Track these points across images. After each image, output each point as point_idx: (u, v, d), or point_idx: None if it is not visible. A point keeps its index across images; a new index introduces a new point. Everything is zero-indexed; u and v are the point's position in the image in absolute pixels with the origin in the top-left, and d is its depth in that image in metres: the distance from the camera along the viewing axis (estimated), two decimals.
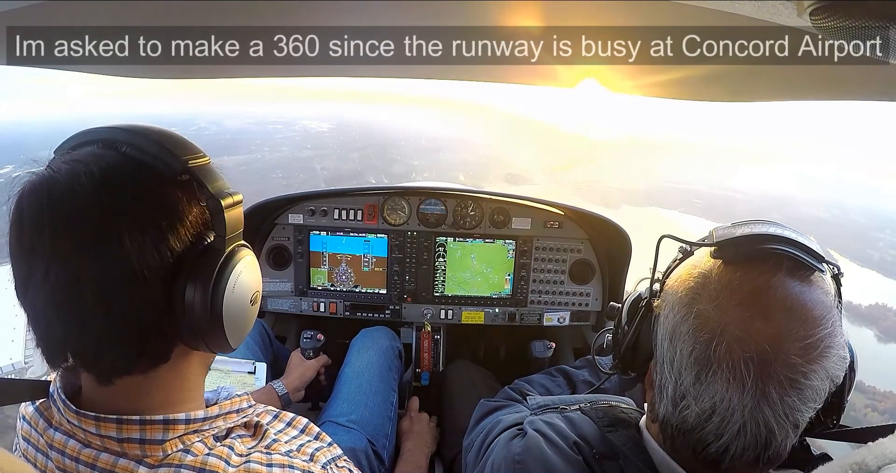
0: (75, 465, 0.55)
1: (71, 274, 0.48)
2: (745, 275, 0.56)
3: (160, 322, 0.52)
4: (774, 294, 0.55)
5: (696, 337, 0.56)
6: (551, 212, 1.81)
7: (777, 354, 0.53)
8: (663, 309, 0.63)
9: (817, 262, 0.57)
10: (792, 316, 0.54)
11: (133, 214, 0.50)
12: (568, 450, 0.71)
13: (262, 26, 0.80)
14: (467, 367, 1.72)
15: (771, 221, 0.61)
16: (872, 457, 0.46)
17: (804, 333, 0.53)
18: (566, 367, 1.21)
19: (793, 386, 0.53)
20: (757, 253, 0.57)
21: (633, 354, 0.70)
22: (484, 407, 1.07)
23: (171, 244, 0.51)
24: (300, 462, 0.61)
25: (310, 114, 38.21)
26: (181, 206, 0.53)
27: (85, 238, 0.48)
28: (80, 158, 0.52)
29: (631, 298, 0.74)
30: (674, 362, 0.58)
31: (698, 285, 0.59)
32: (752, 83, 0.92)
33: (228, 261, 0.55)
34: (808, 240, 0.58)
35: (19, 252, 0.50)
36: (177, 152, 0.53)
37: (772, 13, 0.65)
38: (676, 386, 0.58)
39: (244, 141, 31.29)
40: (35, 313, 0.51)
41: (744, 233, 0.59)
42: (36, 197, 0.50)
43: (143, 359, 0.54)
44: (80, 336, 0.51)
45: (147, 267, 0.50)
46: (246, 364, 1.43)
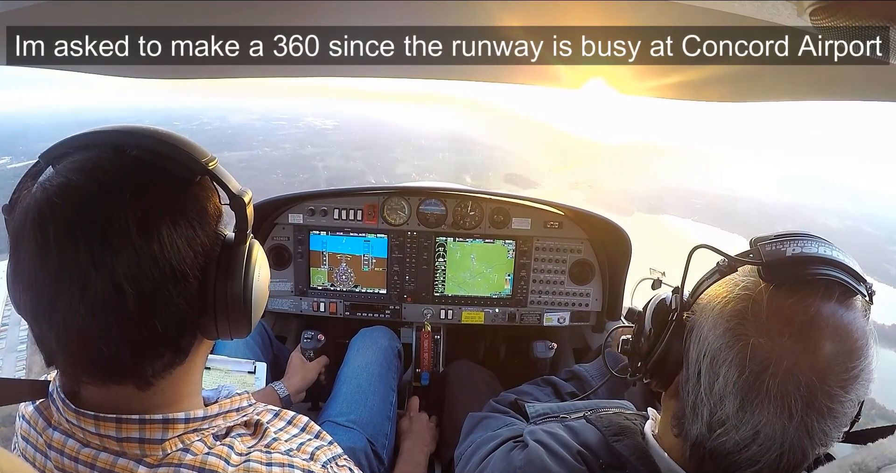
0: (74, 465, 0.55)
1: (113, 284, 0.48)
2: (797, 304, 0.55)
3: (192, 317, 0.54)
4: (826, 325, 0.54)
5: (743, 367, 0.55)
6: (551, 213, 1.81)
7: (822, 386, 0.53)
8: (699, 325, 0.61)
9: (860, 285, 0.56)
10: (840, 348, 0.54)
11: (168, 216, 0.51)
12: (571, 460, 0.70)
13: (262, 26, 0.80)
14: (467, 367, 1.72)
15: (815, 236, 0.59)
16: (872, 458, 0.46)
17: (848, 365, 0.54)
18: (554, 378, 1.20)
19: (830, 415, 0.54)
20: (809, 279, 0.55)
21: (660, 366, 0.67)
22: (473, 420, 1.06)
23: (201, 241, 0.54)
24: (300, 460, 0.61)
25: (315, 111, 37.97)
26: (206, 205, 0.55)
27: (126, 246, 0.48)
28: (98, 165, 0.51)
29: (654, 304, 0.71)
30: (714, 386, 0.57)
31: (744, 308, 0.57)
32: (752, 83, 0.92)
33: (251, 254, 0.58)
34: (851, 261, 0.58)
35: (44, 275, 0.48)
36: (195, 154, 0.55)
37: (772, 13, 0.65)
38: (715, 410, 0.57)
39: (246, 137, 31.10)
40: (68, 334, 0.49)
41: (794, 253, 0.57)
42: (62, 212, 0.48)
43: (178, 357, 0.55)
44: (122, 344, 0.50)
45: (183, 264, 0.51)
46: (246, 364, 1.43)
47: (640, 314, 0.74)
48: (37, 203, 0.49)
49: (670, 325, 0.66)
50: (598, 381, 1.17)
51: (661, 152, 35.83)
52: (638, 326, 0.74)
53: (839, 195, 14.85)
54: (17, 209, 0.51)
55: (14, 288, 0.51)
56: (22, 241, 0.49)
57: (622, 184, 18.57)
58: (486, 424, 1.01)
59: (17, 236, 0.50)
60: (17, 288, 0.51)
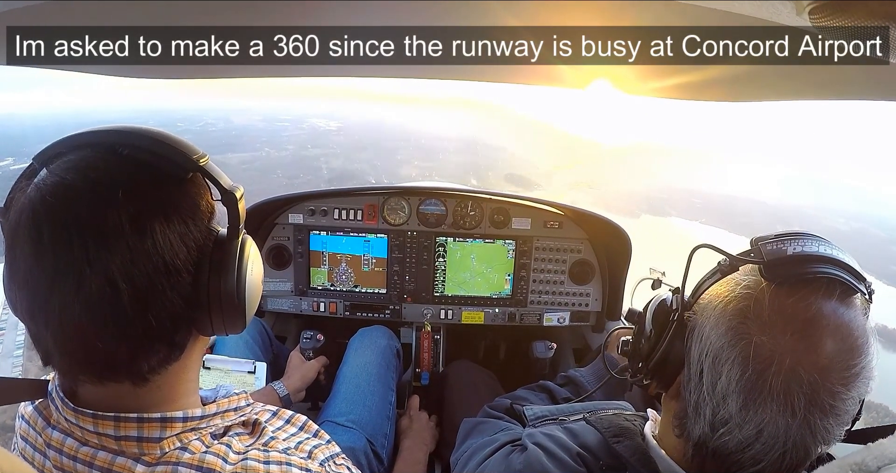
0: (73, 463, 0.55)
1: (108, 281, 0.48)
2: (798, 302, 0.55)
3: (186, 312, 0.54)
4: (828, 323, 0.54)
5: (746, 365, 0.55)
6: (551, 213, 1.81)
7: (824, 383, 0.53)
8: (700, 324, 0.61)
9: (860, 284, 0.57)
10: (841, 346, 0.54)
11: (161, 213, 0.52)
12: (571, 463, 0.70)
13: (262, 26, 0.80)
14: (467, 367, 1.72)
15: (814, 236, 0.60)
16: (872, 458, 0.46)
17: (849, 362, 0.54)
18: (548, 384, 1.20)
19: (833, 412, 0.54)
20: (810, 277, 0.56)
21: (662, 366, 0.67)
22: (468, 425, 1.06)
23: (194, 236, 0.54)
24: (298, 459, 0.61)
25: (319, 112, 37.83)
26: (198, 201, 0.56)
27: (120, 243, 0.49)
28: (92, 164, 0.51)
29: (655, 304, 0.71)
30: (716, 385, 0.57)
31: (746, 307, 0.57)
32: (752, 83, 0.92)
33: (244, 249, 0.58)
34: (850, 259, 0.58)
35: (39, 274, 0.49)
36: (187, 152, 0.56)
37: (771, 13, 0.65)
38: (718, 410, 0.57)
39: (249, 138, 30.99)
40: (64, 331, 0.50)
41: (795, 252, 0.57)
42: (56, 211, 0.49)
43: (173, 353, 0.55)
44: (118, 340, 0.51)
45: (177, 259, 0.52)
46: (246, 363, 1.43)
47: (641, 315, 0.74)
48: (31, 202, 0.49)
49: (671, 325, 0.66)
50: (594, 386, 1.16)
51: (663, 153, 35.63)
52: (638, 327, 0.73)
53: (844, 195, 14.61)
54: (12, 210, 0.51)
55: (10, 288, 0.51)
56: (17, 241, 0.50)
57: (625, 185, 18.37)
58: (482, 429, 1.01)
59: (13, 236, 0.50)
60: (12, 287, 0.51)
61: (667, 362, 0.66)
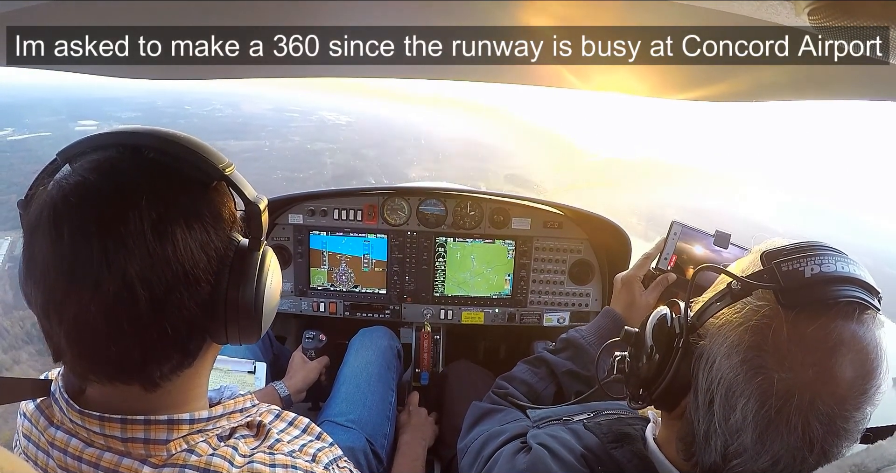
0: (78, 464, 0.55)
1: (125, 284, 0.48)
2: (818, 331, 0.53)
3: (202, 321, 0.54)
4: (848, 351, 0.53)
5: (764, 402, 0.54)
6: (551, 213, 1.81)
7: (840, 412, 0.53)
8: (710, 351, 0.58)
9: (874, 299, 0.55)
10: (860, 372, 0.53)
11: (183, 219, 0.51)
12: (575, 464, 0.70)
13: (262, 26, 0.80)
14: (467, 367, 1.72)
15: (830, 249, 0.57)
16: (872, 459, 0.46)
17: (865, 387, 0.53)
18: (546, 356, 1.14)
19: (846, 436, 0.54)
20: (830, 301, 0.53)
21: (666, 392, 0.64)
22: (477, 410, 1.04)
23: (215, 245, 0.53)
24: (303, 462, 0.61)
25: (330, 105, 37.30)
26: (221, 210, 0.55)
27: (140, 247, 0.48)
28: (116, 166, 0.51)
29: (653, 323, 0.68)
30: (729, 418, 0.56)
31: (763, 339, 0.54)
32: (752, 83, 0.92)
33: (264, 260, 0.58)
34: (866, 274, 0.56)
35: (57, 272, 0.48)
36: (213, 159, 0.55)
37: (770, 13, 0.65)
38: (731, 441, 0.56)
39: (255, 126, 30.53)
40: (78, 331, 0.50)
41: (814, 274, 0.54)
42: (77, 211, 0.48)
43: (186, 360, 0.55)
44: (132, 344, 0.50)
45: (197, 268, 0.51)
46: (246, 363, 1.43)
47: (638, 334, 0.70)
48: (52, 200, 0.49)
49: (677, 351, 0.62)
50: (596, 347, 1.09)
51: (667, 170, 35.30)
52: (635, 349, 0.70)
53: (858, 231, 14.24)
54: (33, 205, 0.51)
55: (26, 282, 0.51)
56: (36, 237, 0.49)
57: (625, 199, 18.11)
58: (493, 417, 1.00)
59: (32, 231, 0.50)
60: (28, 282, 0.51)
61: (671, 388, 0.63)
